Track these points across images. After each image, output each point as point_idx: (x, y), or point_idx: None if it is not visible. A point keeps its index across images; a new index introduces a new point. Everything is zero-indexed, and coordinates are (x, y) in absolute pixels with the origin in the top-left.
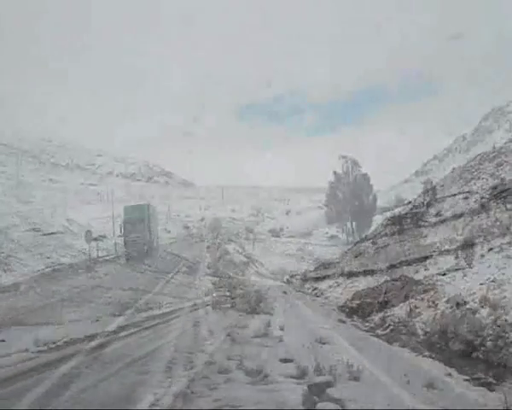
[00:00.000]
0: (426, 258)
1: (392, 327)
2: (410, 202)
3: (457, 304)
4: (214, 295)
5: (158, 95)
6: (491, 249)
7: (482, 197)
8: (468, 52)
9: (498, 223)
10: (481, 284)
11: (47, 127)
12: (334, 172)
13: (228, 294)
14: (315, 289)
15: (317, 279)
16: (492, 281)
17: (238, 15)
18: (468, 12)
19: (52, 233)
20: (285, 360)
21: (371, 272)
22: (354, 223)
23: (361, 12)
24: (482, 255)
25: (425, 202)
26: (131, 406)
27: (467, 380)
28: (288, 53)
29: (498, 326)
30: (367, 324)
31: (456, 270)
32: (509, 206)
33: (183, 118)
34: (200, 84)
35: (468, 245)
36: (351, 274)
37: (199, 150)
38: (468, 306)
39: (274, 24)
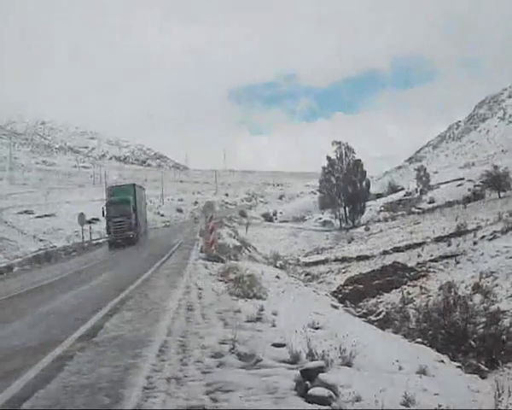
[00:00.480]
0: (419, 245)
1: (384, 313)
2: (403, 189)
3: (450, 291)
4: (208, 279)
5: (152, 77)
6: (483, 237)
7: (476, 185)
8: (463, 39)
9: (491, 210)
10: (474, 271)
11: (40, 109)
12: (328, 158)
13: (221, 278)
14: (308, 274)
15: (310, 264)
16: (485, 269)
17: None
18: None
19: (45, 215)
20: (278, 345)
21: (364, 258)
22: (347, 209)
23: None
24: (475, 243)
25: (418, 189)
26: None
27: (459, 367)
28: (283, 37)
29: (490, 313)
30: (359, 309)
31: (449, 257)
32: (502, 194)
33: (177, 100)
34: (195, 67)
35: (460, 232)
36: (344, 260)
37: (193, 134)
38: (460, 293)
39: (271, 7)
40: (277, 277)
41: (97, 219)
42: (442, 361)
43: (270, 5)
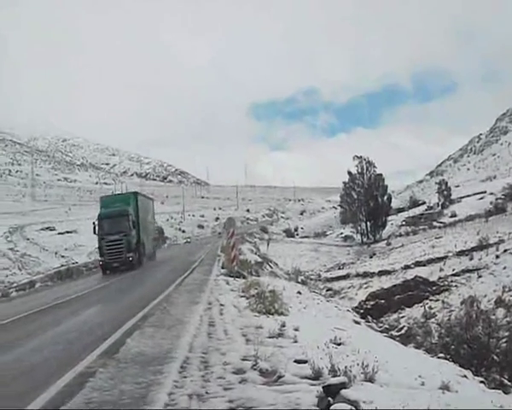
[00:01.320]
0: (440, 259)
1: (406, 328)
2: (424, 203)
3: (472, 305)
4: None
5: (173, 94)
6: (506, 250)
7: (497, 198)
8: (484, 52)
9: None
10: (496, 285)
11: (62, 127)
12: (349, 173)
13: (242, 294)
14: (329, 289)
15: (332, 280)
16: (508, 282)
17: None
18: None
19: (67, 232)
20: (300, 361)
21: (386, 273)
22: (369, 223)
23: (377, 13)
24: (497, 256)
25: (439, 203)
26: None
27: (482, 382)
28: (303, 53)
29: None
30: (381, 324)
31: (471, 271)
32: None
33: (198, 117)
34: (217, 83)
35: (482, 246)
36: (365, 275)
37: (214, 150)
38: (482, 307)
39: (291, 24)
40: (299, 292)
41: None
42: (465, 376)
43: (290, 22)
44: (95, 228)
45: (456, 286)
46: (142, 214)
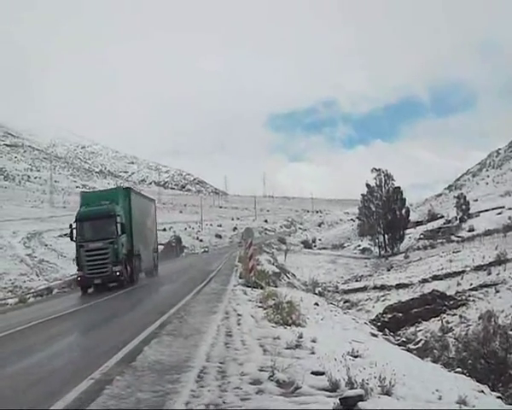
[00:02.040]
0: (458, 273)
1: (423, 341)
2: (442, 217)
3: (489, 320)
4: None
5: (192, 103)
6: None
7: None
8: (503, 66)
9: None
10: None
11: (81, 134)
12: (367, 185)
13: (260, 305)
14: (346, 301)
15: (349, 292)
16: None
17: (274, 26)
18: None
19: None
20: (317, 373)
21: (403, 286)
22: (387, 236)
23: (395, 25)
24: None
25: (458, 217)
26: None
27: (499, 397)
28: (321, 64)
29: None
30: (398, 337)
31: (489, 286)
32: None
33: (217, 127)
34: (236, 94)
35: (500, 261)
36: (383, 287)
37: (232, 160)
38: (500, 322)
39: (309, 35)
40: (316, 304)
41: None
42: (482, 392)
43: (307, 32)
44: (72, 232)
45: (473, 301)
46: (138, 217)
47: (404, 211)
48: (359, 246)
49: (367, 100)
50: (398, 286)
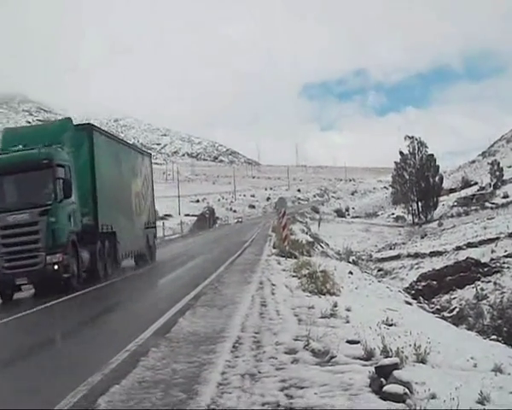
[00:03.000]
0: (492, 240)
1: (458, 309)
2: (476, 184)
3: None
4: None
5: (223, 75)
6: None
7: None
8: None
9: None
10: None
11: (114, 106)
12: (401, 153)
13: (294, 274)
14: (380, 269)
15: (383, 260)
16: None
17: None
18: None
19: None
20: (352, 342)
21: (437, 254)
22: (420, 204)
23: None
24: None
25: (492, 184)
26: None
27: None
28: (353, 33)
29: None
30: (433, 305)
31: None
32: None
33: (249, 97)
34: (268, 64)
35: None
36: (417, 255)
37: (265, 130)
38: None
39: (341, 3)
40: (350, 272)
41: (170, 216)
42: None
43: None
44: None
45: (508, 268)
46: (111, 173)
47: (437, 178)
48: (393, 214)
49: (399, 69)
50: (432, 254)
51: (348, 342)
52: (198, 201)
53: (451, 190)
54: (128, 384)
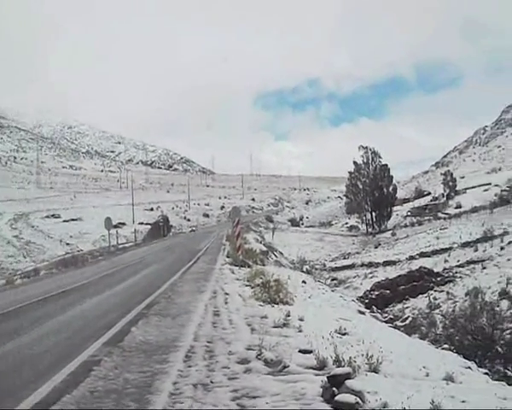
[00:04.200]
0: (445, 250)
1: (411, 318)
2: (429, 194)
3: (476, 296)
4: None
5: (179, 82)
6: (510, 242)
7: (502, 190)
8: (489, 43)
9: None
10: (501, 276)
11: (67, 113)
12: (355, 163)
13: (247, 283)
14: (334, 278)
15: (337, 269)
16: None
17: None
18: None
19: (72, 220)
20: (304, 351)
21: (391, 263)
22: (374, 214)
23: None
24: (502, 248)
25: (445, 194)
26: None
27: (486, 374)
28: (307, 43)
29: None
30: (386, 315)
31: (476, 262)
32: None
33: (204, 106)
34: (222, 73)
35: (487, 238)
36: (370, 265)
37: (219, 139)
38: (487, 298)
39: (295, 14)
40: (304, 282)
41: (124, 224)
42: (469, 368)
43: (293, 12)
44: None
45: (460, 277)
46: None
47: (391, 188)
48: (347, 224)
49: (352, 79)
50: (386, 263)
51: (301, 351)
52: (152, 209)
53: (405, 200)
54: (79, 394)
